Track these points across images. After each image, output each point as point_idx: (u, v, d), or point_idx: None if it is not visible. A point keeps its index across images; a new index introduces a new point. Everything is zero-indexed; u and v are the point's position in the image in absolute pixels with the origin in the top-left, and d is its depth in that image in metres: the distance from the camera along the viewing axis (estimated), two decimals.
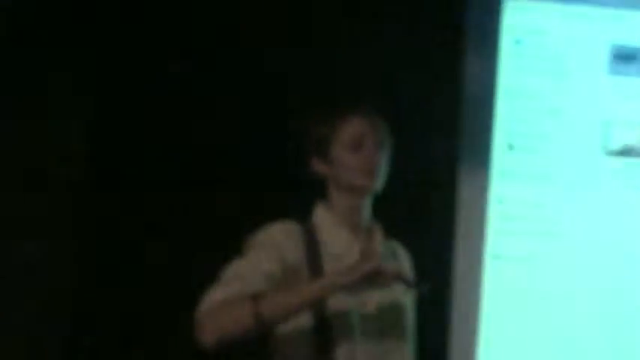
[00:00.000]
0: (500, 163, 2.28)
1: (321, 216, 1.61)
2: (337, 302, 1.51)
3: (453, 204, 2.23)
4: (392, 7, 2.32)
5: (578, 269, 2.24)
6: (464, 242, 2.20)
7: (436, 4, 2.32)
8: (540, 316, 2.20)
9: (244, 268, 1.48)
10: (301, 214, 1.61)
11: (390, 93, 2.25)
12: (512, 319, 2.20)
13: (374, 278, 1.41)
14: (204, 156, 2.25)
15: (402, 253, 1.75)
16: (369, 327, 1.55)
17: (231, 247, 1.54)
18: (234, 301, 1.41)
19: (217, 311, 1.42)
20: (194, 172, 2.25)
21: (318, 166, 1.60)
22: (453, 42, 2.31)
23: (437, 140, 2.12)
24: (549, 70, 2.35)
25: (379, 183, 1.58)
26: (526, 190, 2.27)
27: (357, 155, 1.55)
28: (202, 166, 2.25)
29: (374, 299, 1.52)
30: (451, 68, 2.31)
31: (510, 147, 2.29)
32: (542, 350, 2.19)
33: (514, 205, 2.26)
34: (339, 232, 1.58)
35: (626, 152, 2.31)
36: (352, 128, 1.57)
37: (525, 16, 2.38)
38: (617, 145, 2.31)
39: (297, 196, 1.67)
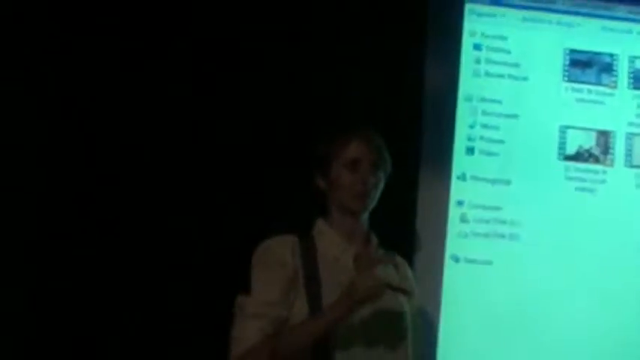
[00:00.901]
0: (460, 166, 2.31)
1: (320, 228, 1.73)
2: None
3: (414, 206, 2.25)
4: (352, 10, 2.34)
5: (536, 272, 2.27)
6: (424, 245, 2.22)
7: (397, 10, 2.34)
8: (499, 319, 2.23)
9: (260, 302, 1.62)
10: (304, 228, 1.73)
11: (352, 96, 2.27)
12: (471, 321, 2.23)
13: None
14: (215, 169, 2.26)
15: (400, 261, 1.80)
16: (367, 331, 1.61)
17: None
18: (262, 345, 1.58)
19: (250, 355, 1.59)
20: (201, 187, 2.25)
21: (320, 183, 1.68)
22: (414, 47, 2.33)
23: (398, 143, 2.12)
24: (508, 75, 2.39)
25: (370, 204, 1.69)
26: (485, 193, 2.30)
27: (352, 176, 1.65)
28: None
29: (371, 304, 1.57)
30: (412, 73, 2.33)
31: (469, 151, 2.32)
32: (501, 353, 2.22)
33: (473, 208, 2.29)
34: (335, 240, 1.70)
35: (581, 157, 2.36)
36: (350, 150, 1.69)
37: (485, 21, 2.42)
38: (572, 149, 2.36)
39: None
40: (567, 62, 2.42)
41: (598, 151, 2.37)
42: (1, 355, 2.08)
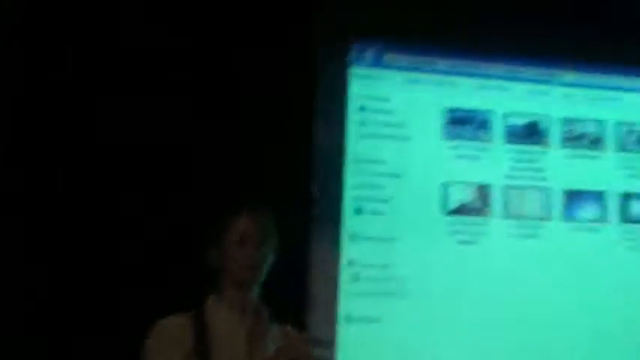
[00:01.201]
0: (350, 226, 2.39)
1: (212, 305, 1.79)
2: None
3: (307, 268, 2.32)
4: (243, 78, 2.40)
5: (427, 326, 2.38)
6: (317, 306, 2.29)
7: (286, 72, 2.42)
8: None
9: None
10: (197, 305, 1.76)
11: (245, 162, 2.32)
12: None
13: None
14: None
15: (295, 335, 1.86)
16: None
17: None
18: None
19: None
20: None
21: (213, 259, 1.74)
22: (303, 110, 2.41)
23: (289, 206, 2.20)
24: (392, 136, 2.50)
25: (259, 277, 1.76)
26: (374, 251, 2.39)
27: (242, 251, 1.72)
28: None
29: None
30: (302, 135, 2.40)
31: (358, 211, 2.41)
32: None
33: (364, 267, 2.37)
34: (226, 317, 1.77)
35: (462, 211, 2.50)
36: (239, 226, 1.78)
37: (369, 83, 2.53)
38: (454, 204, 2.50)
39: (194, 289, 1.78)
40: (447, 120, 2.55)
41: (478, 204, 2.51)
42: None
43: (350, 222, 2.40)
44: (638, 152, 2.68)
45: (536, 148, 2.61)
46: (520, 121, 2.62)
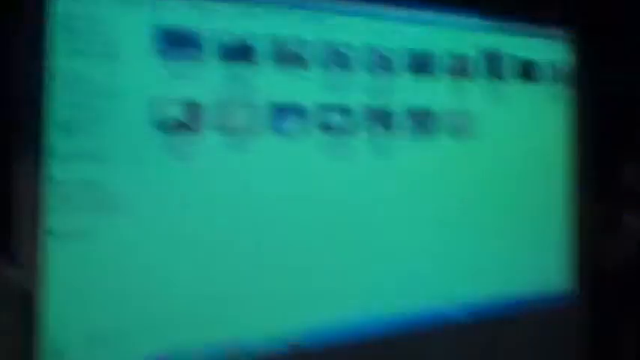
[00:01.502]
0: (58, 145, 2.41)
1: None
2: None
3: (12, 189, 2.31)
4: None
5: (142, 242, 2.51)
6: (24, 225, 2.31)
7: None
8: (110, 291, 2.46)
9: None
10: None
11: None
12: (83, 296, 2.41)
13: None
14: None
15: None
16: None
17: None
18: None
19: None
20: None
21: None
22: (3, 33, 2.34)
23: None
24: (102, 54, 2.52)
25: None
26: (84, 170, 2.44)
27: None
28: None
29: None
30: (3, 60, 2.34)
31: (66, 129, 2.43)
32: (111, 327, 2.45)
33: (72, 184, 2.42)
34: None
35: (175, 127, 2.62)
36: None
37: (77, 2, 2.49)
38: (165, 121, 2.60)
39: None
40: (159, 39, 2.61)
41: (189, 120, 2.64)
42: None
43: (58, 141, 2.41)
44: (338, 69, 2.96)
45: (247, 66, 2.77)
46: (232, 41, 2.75)
